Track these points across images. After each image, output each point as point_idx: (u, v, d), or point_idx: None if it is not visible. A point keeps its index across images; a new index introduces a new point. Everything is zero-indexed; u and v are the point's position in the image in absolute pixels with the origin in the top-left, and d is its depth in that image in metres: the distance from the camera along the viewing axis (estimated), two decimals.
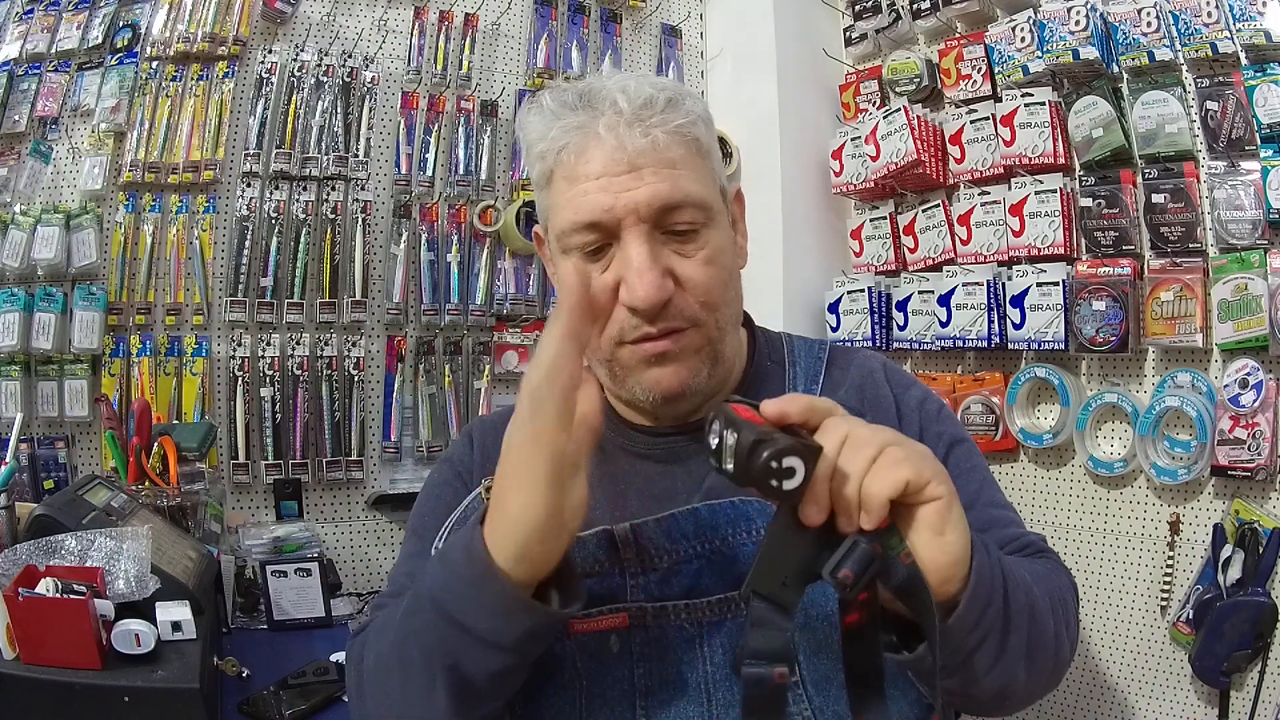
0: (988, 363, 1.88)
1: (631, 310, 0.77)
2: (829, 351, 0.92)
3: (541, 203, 0.85)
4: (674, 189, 0.77)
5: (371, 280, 1.95)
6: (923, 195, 1.99)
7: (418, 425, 1.99)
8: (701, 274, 0.79)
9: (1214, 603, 1.46)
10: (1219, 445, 1.47)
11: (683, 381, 0.80)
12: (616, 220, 0.76)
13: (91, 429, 1.74)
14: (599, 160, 0.76)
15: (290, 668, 1.31)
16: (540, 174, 0.82)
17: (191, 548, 1.32)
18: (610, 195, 0.76)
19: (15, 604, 0.98)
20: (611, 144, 0.76)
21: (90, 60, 1.79)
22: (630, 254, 0.76)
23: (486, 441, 0.94)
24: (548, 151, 0.80)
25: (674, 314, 0.78)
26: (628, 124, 0.76)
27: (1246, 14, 1.45)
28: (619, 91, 0.78)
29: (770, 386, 0.88)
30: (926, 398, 0.90)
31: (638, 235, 0.76)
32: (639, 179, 0.76)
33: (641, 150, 0.76)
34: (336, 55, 1.92)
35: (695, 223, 0.79)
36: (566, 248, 0.80)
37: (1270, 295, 1.43)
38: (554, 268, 0.90)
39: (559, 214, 0.80)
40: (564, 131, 0.78)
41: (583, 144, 0.77)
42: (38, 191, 1.72)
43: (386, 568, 1.98)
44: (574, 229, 0.78)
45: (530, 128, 0.82)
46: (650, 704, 0.76)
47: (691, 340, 0.80)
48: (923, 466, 0.59)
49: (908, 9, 1.98)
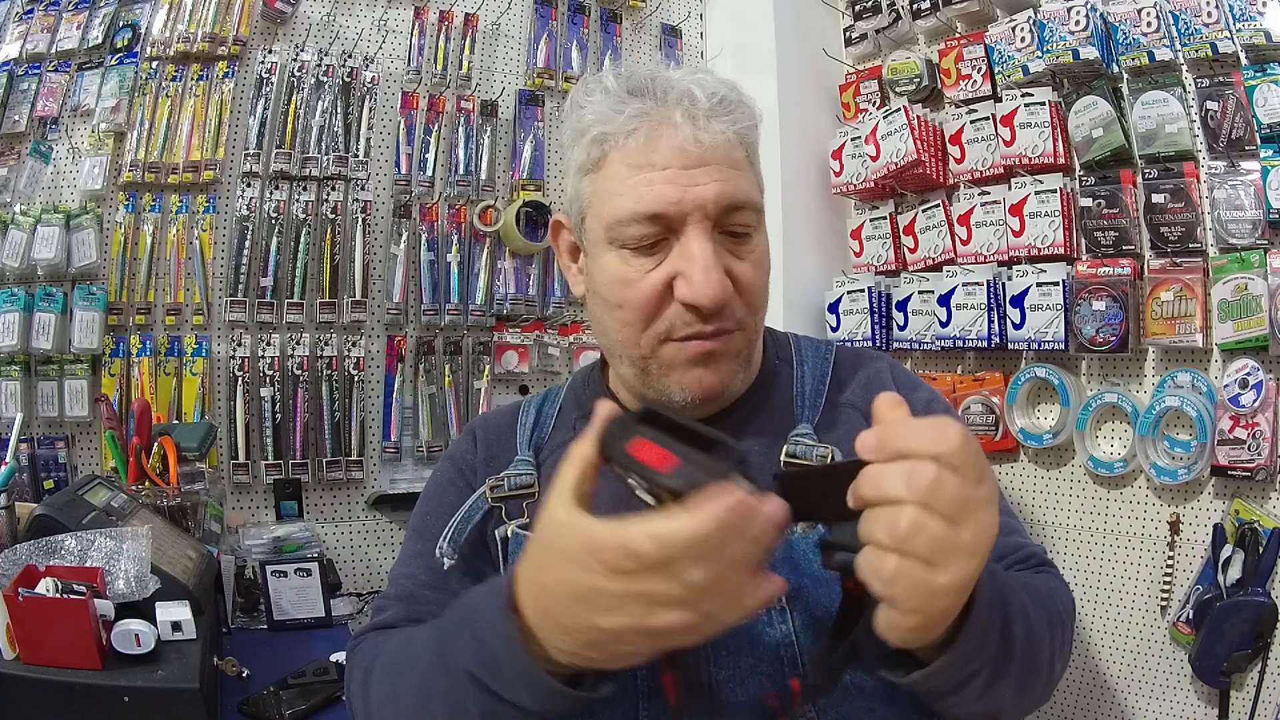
0: (988, 363, 1.88)
1: (688, 307, 0.76)
2: (835, 352, 0.92)
3: (583, 187, 0.81)
4: (738, 189, 0.76)
5: (371, 280, 1.95)
6: (923, 195, 1.99)
7: (418, 425, 1.99)
8: (752, 276, 0.79)
9: (1214, 603, 1.46)
10: (1219, 445, 1.47)
11: (723, 383, 0.80)
12: (683, 215, 0.75)
13: (91, 429, 1.74)
14: (669, 150, 0.75)
15: (290, 668, 1.31)
16: (591, 157, 0.79)
17: (191, 548, 1.31)
18: (678, 188, 0.74)
19: (15, 604, 0.98)
20: (686, 134, 0.75)
21: (90, 60, 1.79)
22: (695, 250, 0.75)
23: (490, 439, 0.93)
24: (610, 134, 0.77)
25: (727, 314, 0.77)
26: (704, 117, 0.75)
27: (1246, 14, 1.45)
28: (694, 85, 0.77)
29: (779, 386, 0.88)
30: (933, 400, 0.90)
31: (702, 232, 0.75)
32: (708, 175, 0.75)
33: (714, 146, 0.75)
34: (336, 55, 1.92)
35: (750, 225, 0.79)
36: (616, 239, 0.78)
37: (1270, 295, 1.43)
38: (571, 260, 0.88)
39: (613, 201, 0.77)
40: (633, 116, 0.76)
41: (655, 132, 0.75)
42: (38, 191, 1.72)
43: (386, 568, 1.98)
44: (634, 219, 0.76)
45: (590, 108, 0.79)
46: (653, 707, 0.76)
47: (736, 343, 0.79)
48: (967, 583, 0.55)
49: (908, 9, 1.98)
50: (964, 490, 0.52)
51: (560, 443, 0.88)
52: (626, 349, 0.81)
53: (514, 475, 0.87)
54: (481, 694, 0.62)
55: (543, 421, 0.93)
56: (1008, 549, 0.82)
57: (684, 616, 0.52)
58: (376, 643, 0.83)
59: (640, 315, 0.78)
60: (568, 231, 0.87)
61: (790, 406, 0.87)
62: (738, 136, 0.77)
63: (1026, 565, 0.83)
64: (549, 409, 0.94)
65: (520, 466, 0.88)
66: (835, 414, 0.86)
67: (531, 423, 0.93)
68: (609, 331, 0.82)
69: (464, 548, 0.84)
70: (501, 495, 0.86)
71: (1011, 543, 0.84)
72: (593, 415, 0.61)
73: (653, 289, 0.77)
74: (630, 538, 0.52)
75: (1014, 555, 0.83)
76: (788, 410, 0.86)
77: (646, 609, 0.53)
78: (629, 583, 0.52)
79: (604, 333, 0.84)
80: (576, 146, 0.81)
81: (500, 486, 0.86)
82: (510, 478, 0.87)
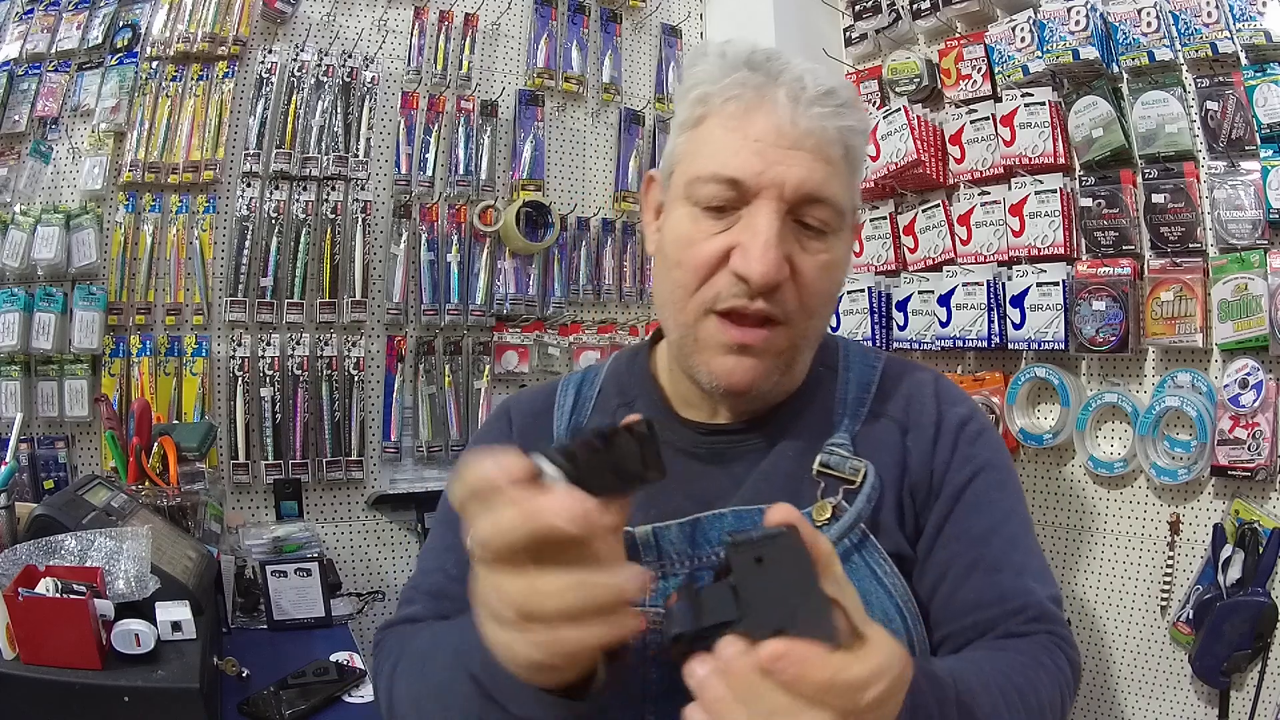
0: (988, 363, 1.88)
1: (740, 278, 0.75)
2: (884, 362, 0.90)
3: (678, 145, 0.81)
4: (824, 183, 0.75)
5: (371, 280, 1.95)
6: (923, 195, 1.99)
7: (418, 425, 1.99)
8: (815, 274, 0.77)
9: (1214, 603, 1.46)
10: (1219, 445, 1.47)
11: (753, 380, 0.78)
12: (759, 188, 0.74)
13: (91, 429, 1.74)
14: (765, 125, 0.75)
15: (290, 668, 1.31)
16: (691, 116, 0.79)
17: (191, 548, 1.31)
18: (764, 161, 0.74)
19: (15, 604, 0.97)
20: (785, 114, 0.74)
21: (90, 60, 1.79)
22: (760, 224, 0.74)
23: (525, 422, 0.91)
24: (712, 95, 0.77)
25: (776, 301, 0.75)
26: (807, 102, 0.75)
27: (1246, 14, 1.45)
28: (808, 73, 0.76)
29: (821, 392, 0.86)
30: (971, 418, 0.86)
31: (772, 210, 0.74)
32: (796, 158, 0.74)
33: (809, 132, 0.74)
34: (336, 55, 1.92)
35: (827, 224, 0.77)
36: (692, 195, 0.77)
37: (1270, 295, 1.43)
38: (654, 218, 0.87)
39: (699, 160, 0.77)
40: (739, 84, 0.76)
41: (756, 102, 0.75)
42: (38, 191, 1.72)
43: (386, 567, 1.98)
44: (713, 178, 0.75)
45: (701, 69, 0.79)
46: (660, 708, 0.75)
47: (778, 340, 0.77)
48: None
49: (908, 9, 1.98)
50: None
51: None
52: (675, 313, 0.80)
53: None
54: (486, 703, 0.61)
55: (581, 404, 0.91)
56: (1010, 592, 0.78)
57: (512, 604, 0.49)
58: (403, 637, 0.82)
59: (694, 277, 0.77)
60: (657, 187, 0.87)
61: (830, 414, 0.85)
62: (838, 133, 0.76)
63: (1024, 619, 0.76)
64: (588, 391, 0.92)
65: None
66: (874, 425, 0.84)
67: (570, 405, 0.91)
68: (663, 292, 0.82)
69: None
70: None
71: (1016, 585, 0.78)
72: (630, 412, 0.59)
73: (711, 254, 0.76)
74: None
75: (1014, 601, 0.77)
76: (827, 417, 0.85)
77: (489, 603, 0.50)
78: (483, 574, 0.50)
79: (659, 293, 0.84)
80: (682, 103, 0.81)
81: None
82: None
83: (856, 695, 0.45)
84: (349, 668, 1.33)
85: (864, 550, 0.78)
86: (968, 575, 0.78)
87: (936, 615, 0.80)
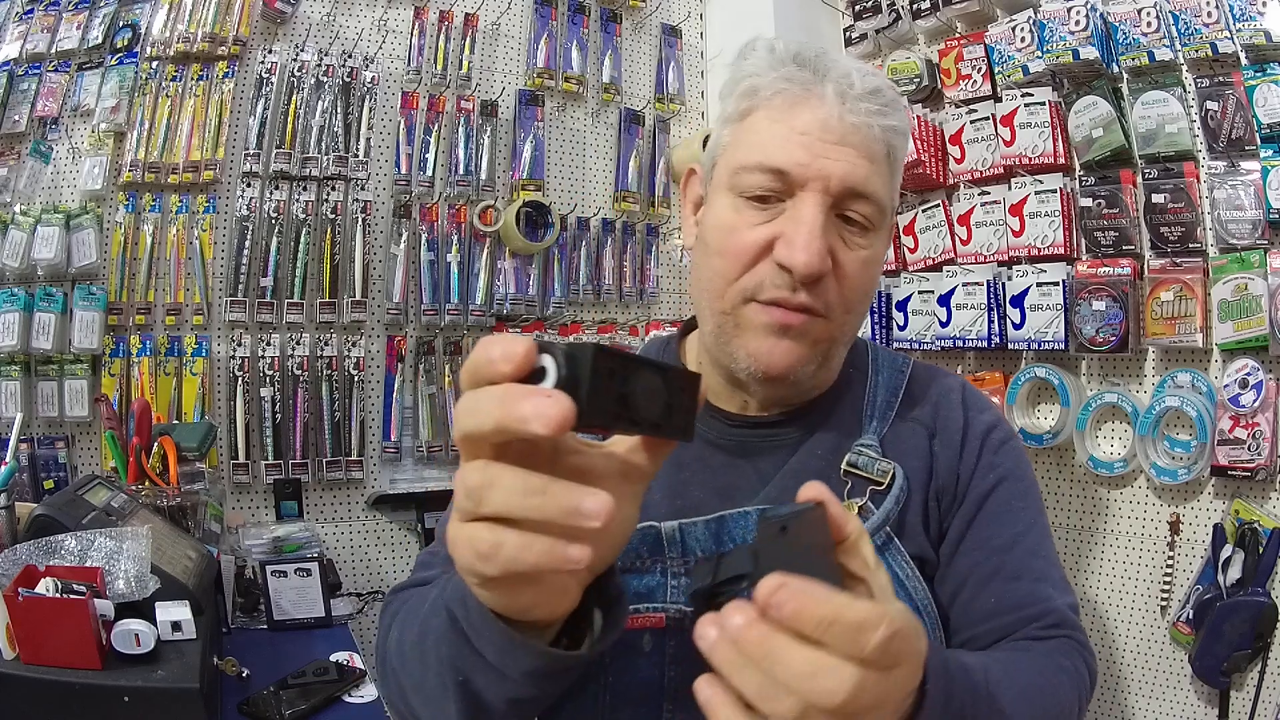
0: (988, 363, 1.88)
1: (782, 269, 0.75)
2: (912, 367, 0.91)
3: (723, 137, 0.82)
4: (867, 179, 0.76)
5: (371, 280, 1.95)
6: (923, 195, 1.99)
7: (418, 425, 1.99)
8: (856, 269, 0.78)
9: (1214, 603, 1.46)
10: (1219, 445, 1.47)
11: (790, 364, 0.77)
12: (805, 179, 0.75)
13: (91, 429, 1.74)
14: (811, 119, 0.75)
15: (290, 668, 1.31)
16: (739, 109, 0.80)
17: (191, 548, 1.31)
18: (809, 154, 0.74)
19: (15, 604, 0.97)
20: (832, 110, 0.75)
21: (90, 60, 1.79)
22: (804, 215, 0.74)
23: None
24: (760, 88, 0.78)
25: (818, 292, 0.76)
26: (855, 99, 0.76)
27: (1246, 14, 1.45)
28: (855, 71, 0.77)
29: (851, 393, 0.87)
30: (996, 426, 0.88)
31: (817, 203, 0.75)
32: (841, 154, 0.75)
33: (855, 129, 0.75)
34: (336, 55, 1.92)
35: (869, 220, 0.78)
36: (736, 185, 0.78)
37: (1270, 295, 1.43)
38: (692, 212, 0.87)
39: (745, 149, 0.78)
40: (786, 79, 0.77)
41: (803, 97, 0.76)
42: (38, 191, 1.72)
43: (386, 567, 1.98)
44: (758, 167, 0.76)
45: (752, 62, 0.80)
46: (678, 707, 0.75)
47: (817, 329, 0.78)
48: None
49: (908, 9, 1.98)
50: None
51: None
52: (712, 300, 0.80)
53: None
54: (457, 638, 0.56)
55: None
56: (1030, 599, 0.78)
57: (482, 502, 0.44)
58: (409, 594, 0.81)
59: (735, 265, 0.77)
60: (698, 181, 0.87)
61: (859, 415, 0.86)
62: (882, 132, 0.77)
63: (1043, 625, 0.77)
64: None
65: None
66: (902, 428, 0.85)
67: None
68: (701, 280, 0.82)
69: None
70: None
71: (1034, 592, 0.79)
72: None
73: (754, 243, 0.77)
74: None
75: (1033, 608, 0.78)
76: (856, 418, 0.86)
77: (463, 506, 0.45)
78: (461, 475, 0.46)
79: (697, 282, 0.84)
80: (730, 97, 0.82)
81: None
82: None
83: (861, 637, 0.42)
84: (349, 668, 1.33)
85: (888, 552, 0.79)
86: (988, 582, 0.79)
87: (956, 621, 0.81)
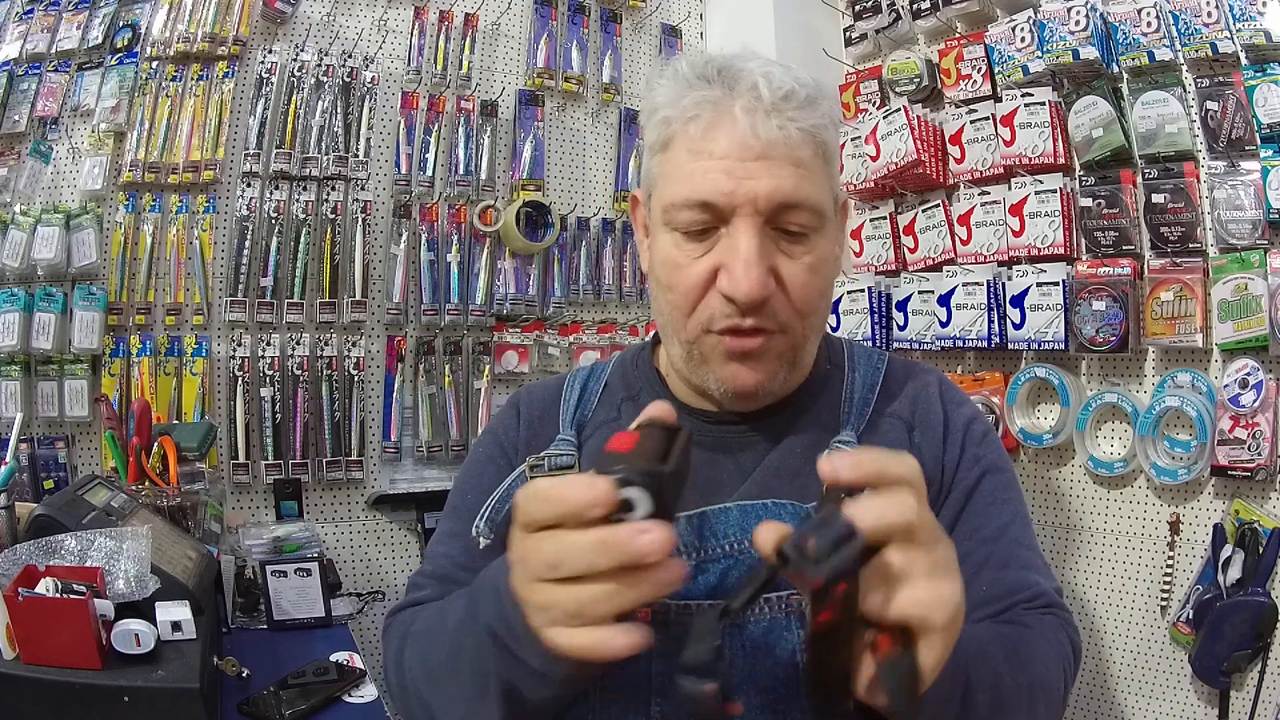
0: (988, 363, 1.88)
1: (727, 299, 0.76)
2: (888, 362, 0.91)
3: (652, 168, 0.82)
4: (796, 188, 0.75)
5: (371, 280, 1.95)
6: (923, 195, 1.99)
7: (418, 425, 1.99)
8: (803, 279, 0.77)
9: (1214, 603, 1.46)
10: (1219, 445, 1.47)
11: (759, 383, 0.79)
12: (733, 206, 0.74)
13: (91, 429, 1.74)
14: (728, 141, 0.75)
15: (290, 668, 1.31)
16: (659, 139, 0.80)
17: (191, 548, 1.31)
18: (732, 180, 0.74)
19: (15, 604, 0.98)
20: (745, 128, 0.74)
21: (90, 60, 1.79)
22: (740, 244, 0.74)
23: (533, 415, 0.92)
24: (674, 118, 0.78)
25: (768, 314, 0.76)
26: (765, 112, 0.74)
27: (1246, 14, 1.45)
28: (761, 76, 0.76)
29: (829, 390, 0.88)
30: (975, 418, 0.89)
31: (750, 227, 0.74)
32: (764, 169, 0.74)
33: (773, 142, 0.74)
34: (336, 55, 1.92)
35: (807, 226, 0.77)
36: (671, 222, 0.78)
37: (1270, 295, 1.43)
38: (644, 235, 0.88)
39: (672, 185, 0.78)
40: (697, 103, 0.76)
41: (715, 120, 0.75)
42: (38, 191, 1.72)
43: (387, 567, 1.98)
44: (686, 205, 0.76)
45: (660, 91, 0.80)
46: (666, 701, 0.75)
47: (777, 345, 0.78)
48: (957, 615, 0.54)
49: (908, 9, 1.98)
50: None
51: (602, 422, 0.89)
52: (676, 330, 0.81)
53: (555, 455, 0.86)
54: (501, 652, 0.61)
55: (587, 399, 0.92)
56: (1018, 585, 0.80)
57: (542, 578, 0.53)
58: (411, 616, 0.83)
59: (686, 300, 0.78)
60: (642, 208, 0.88)
61: (836, 412, 0.86)
62: (803, 134, 0.76)
63: (1032, 605, 0.80)
64: (594, 385, 0.93)
65: (562, 446, 0.87)
66: (880, 424, 0.86)
67: (575, 400, 0.92)
68: (662, 310, 0.83)
69: (501, 526, 0.83)
70: (541, 475, 0.85)
71: (1023, 578, 0.81)
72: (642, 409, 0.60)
73: (698, 277, 0.77)
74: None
75: (1023, 593, 0.80)
76: (834, 415, 0.86)
77: (530, 568, 0.54)
78: (522, 539, 0.54)
79: (659, 311, 0.85)
80: (648, 126, 0.82)
81: (540, 466, 0.86)
82: (551, 457, 0.86)
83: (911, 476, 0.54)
84: (349, 668, 1.33)
85: None
86: (979, 572, 0.80)
87: None
